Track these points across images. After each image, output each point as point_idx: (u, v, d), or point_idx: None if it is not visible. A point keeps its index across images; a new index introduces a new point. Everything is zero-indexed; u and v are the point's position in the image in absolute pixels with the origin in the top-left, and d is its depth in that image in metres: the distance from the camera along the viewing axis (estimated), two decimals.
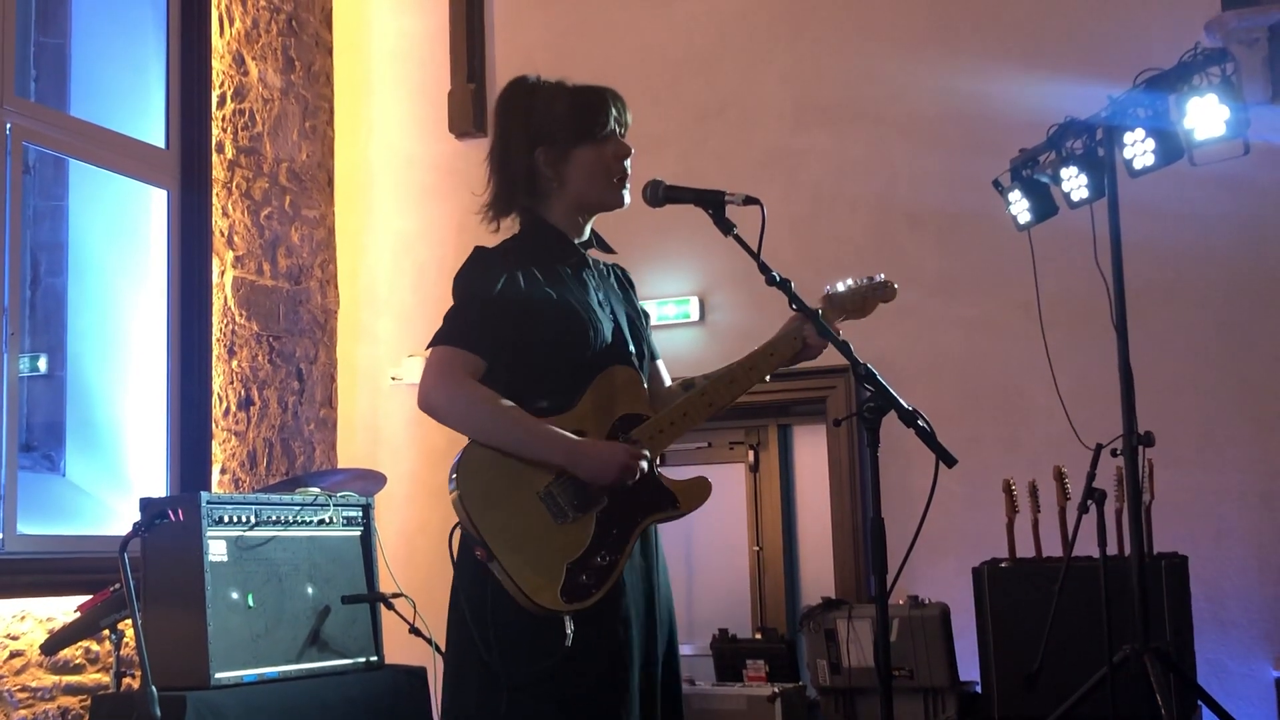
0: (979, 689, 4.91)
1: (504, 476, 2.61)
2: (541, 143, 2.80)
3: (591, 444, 2.63)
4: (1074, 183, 4.62)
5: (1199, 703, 4.36)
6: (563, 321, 2.71)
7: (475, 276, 2.74)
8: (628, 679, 2.63)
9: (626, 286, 2.98)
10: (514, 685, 2.54)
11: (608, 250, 2.94)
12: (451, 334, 2.70)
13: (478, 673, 2.60)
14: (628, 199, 2.84)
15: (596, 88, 2.87)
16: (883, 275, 2.96)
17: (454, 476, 2.59)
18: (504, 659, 2.55)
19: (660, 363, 2.98)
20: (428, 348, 2.73)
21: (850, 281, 2.94)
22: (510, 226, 2.90)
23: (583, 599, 2.55)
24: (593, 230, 2.91)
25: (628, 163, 2.83)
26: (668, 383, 2.96)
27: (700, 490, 2.75)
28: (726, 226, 2.72)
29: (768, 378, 2.85)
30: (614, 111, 2.83)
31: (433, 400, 2.67)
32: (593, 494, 2.62)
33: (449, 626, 2.70)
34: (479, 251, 2.79)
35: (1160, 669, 3.99)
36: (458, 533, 2.64)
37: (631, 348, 2.82)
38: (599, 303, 2.80)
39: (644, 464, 2.65)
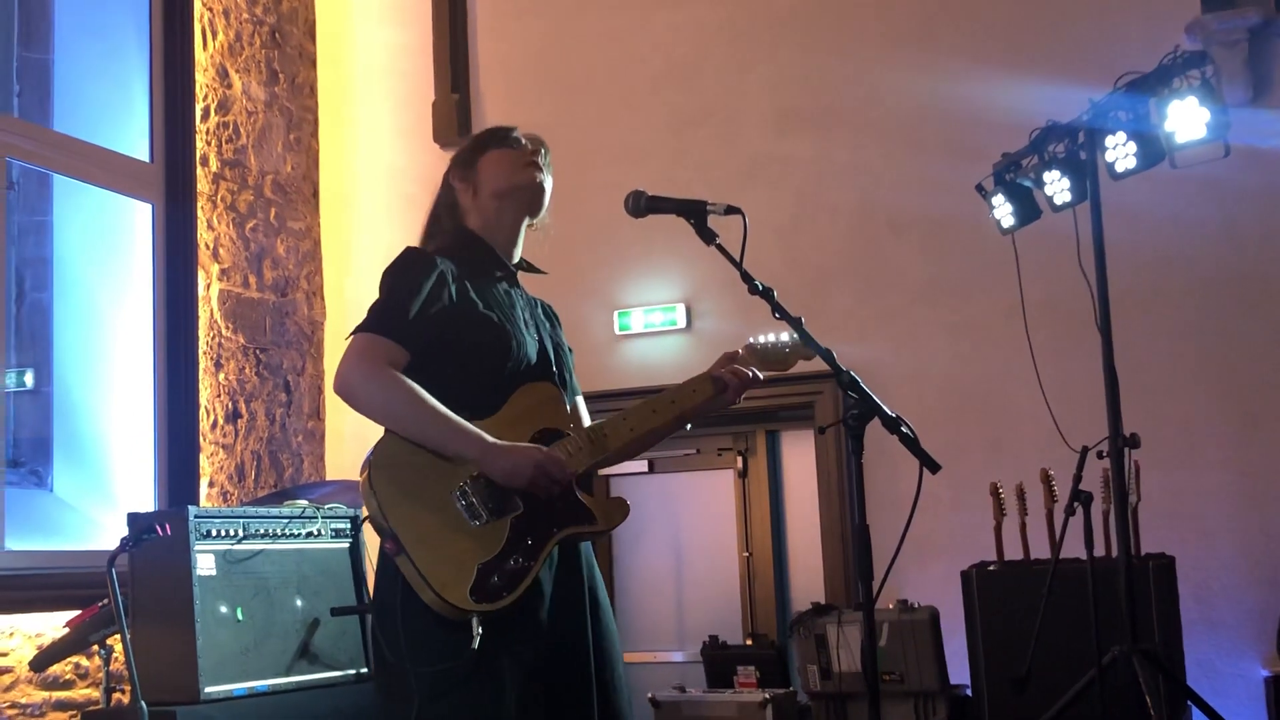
0: (969, 692, 4.92)
1: (419, 470, 2.58)
2: (454, 166, 2.92)
3: (507, 445, 2.62)
4: (1056, 186, 4.64)
5: (1189, 703, 4.38)
6: (485, 329, 2.72)
7: (403, 272, 2.76)
8: (542, 688, 2.62)
9: (553, 319, 2.99)
10: (426, 690, 2.50)
11: (536, 272, 2.97)
12: (373, 323, 2.69)
13: (387, 678, 2.58)
14: (542, 181, 2.88)
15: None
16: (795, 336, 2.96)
17: (367, 464, 2.56)
18: (413, 660, 2.51)
19: (580, 399, 2.96)
20: (349, 336, 2.72)
21: (773, 337, 2.98)
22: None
23: (492, 600, 2.52)
24: (522, 257, 2.93)
25: (539, 162, 2.88)
26: (587, 422, 2.92)
27: (618, 510, 2.77)
28: (709, 236, 2.73)
29: (687, 427, 2.92)
30: (523, 135, 2.91)
31: (350, 384, 2.64)
32: (508, 499, 2.61)
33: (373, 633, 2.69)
34: (410, 250, 2.82)
35: (1149, 670, 4.00)
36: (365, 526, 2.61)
37: (555, 370, 2.83)
38: (524, 321, 2.81)
39: (558, 471, 2.64)
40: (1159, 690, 4.03)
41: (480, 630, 2.50)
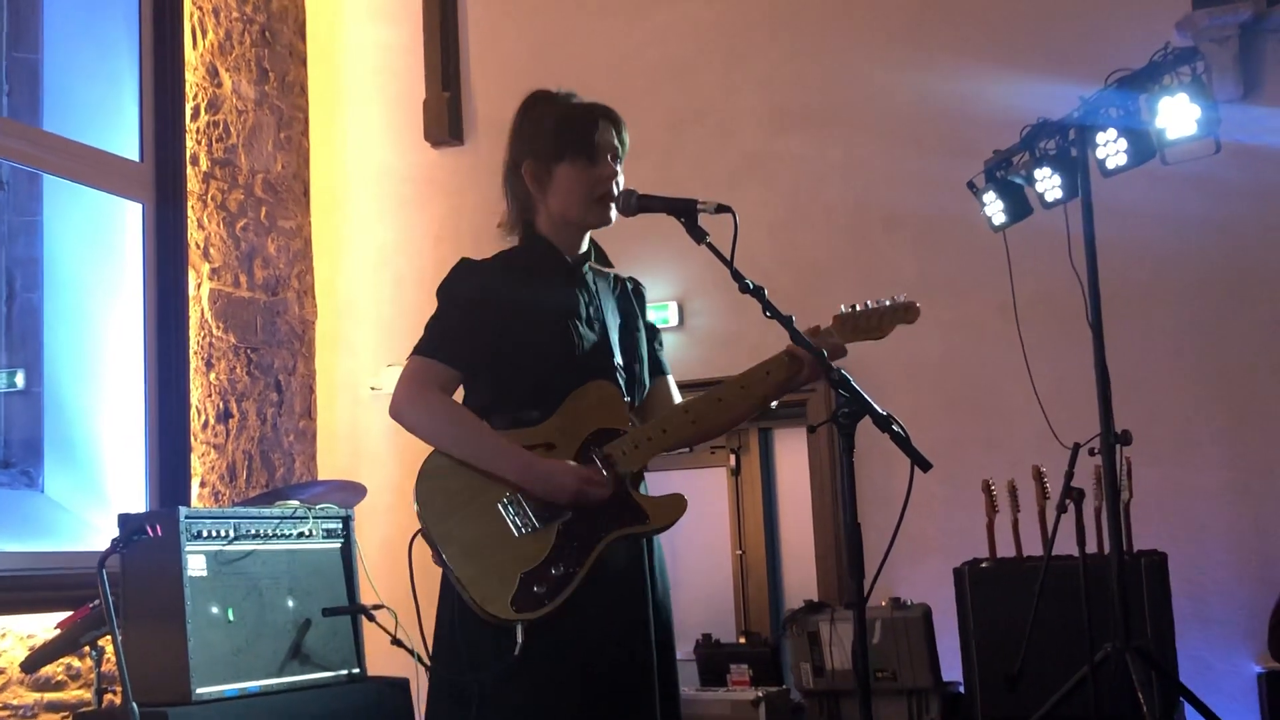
0: (962, 689, 4.93)
1: (466, 484, 2.62)
2: (528, 156, 2.82)
3: (546, 463, 2.64)
4: (1048, 183, 4.64)
5: (1181, 700, 4.38)
6: (539, 333, 2.72)
7: (456, 287, 2.77)
8: (592, 688, 2.61)
9: (631, 300, 2.96)
10: (480, 695, 2.54)
11: (606, 264, 2.94)
12: (426, 345, 2.73)
13: (446, 685, 2.61)
14: (614, 215, 2.83)
15: (593, 107, 2.87)
16: (904, 295, 2.89)
17: (417, 483, 2.62)
18: (467, 667, 2.55)
19: (670, 378, 2.96)
20: (408, 357, 2.75)
21: (869, 302, 2.86)
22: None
23: (534, 609, 2.54)
24: (592, 242, 2.91)
25: (615, 183, 2.81)
26: (677, 399, 2.92)
27: (674, 507, 2.73)
28: (699, 235, 2.72)
29: (773, 405, 2.83)
30: (604, 132, 2.82)
31: (399, 410, 2.71)
32: (554, 506, 2.62)
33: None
34: (464, 262, 2.81)
35: (1142, 667, 4.00)
36: (418, 540, 2.63)
37: (619, 361, 2.81)
38: (586, 317, 2.79)
39: (598, 488, 2.64)
40: (1152, 687, 4.04)
41: (521, 638, 2.52)
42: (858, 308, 2.85)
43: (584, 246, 2.88)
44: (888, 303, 2.86)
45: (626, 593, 2.70)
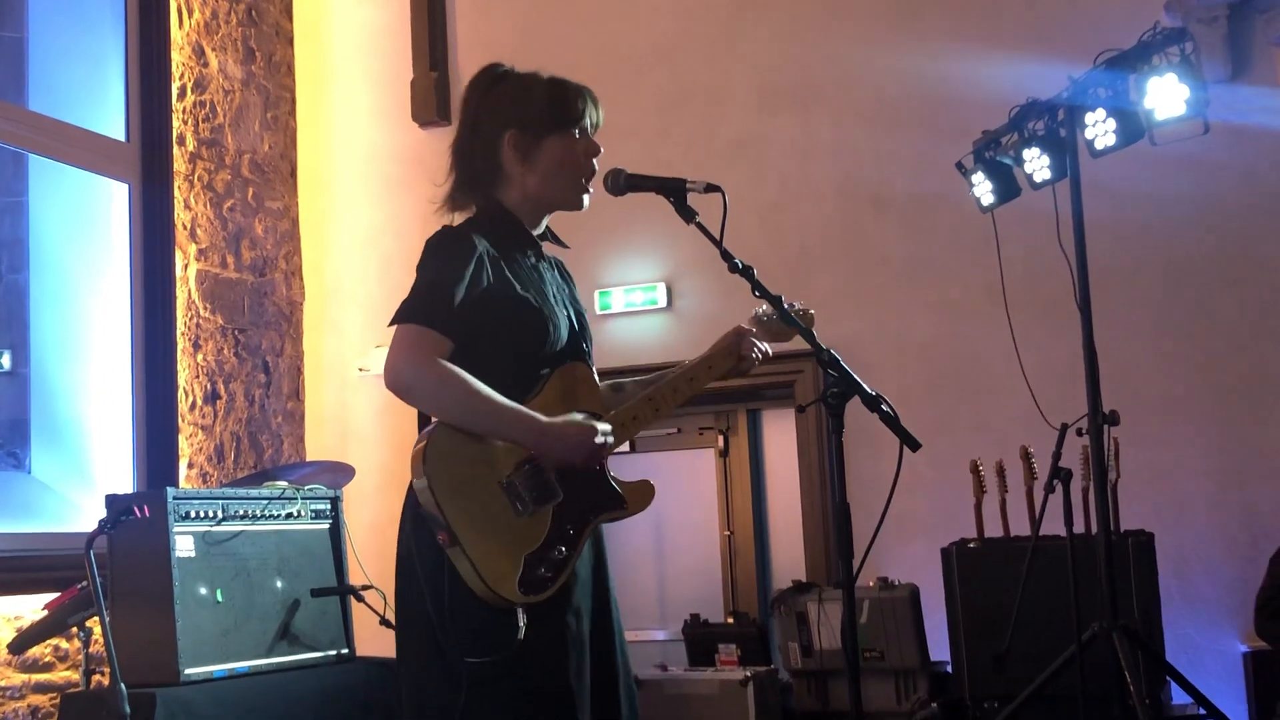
0: (949, 669, 4.94)
1: (468, 463, 2.58)
2: (514, 126, 2.76)
3: (562, 423, 2.62)
4: (1036, 164, 4.64)
5: (1167, 679, 4.41)
6: (523, 311, 2.69)
7: (445, 258, 2.69)
8: (581, 670, 2.63)
9: (570, 280, 2.97)
10: (473, 679, 2.53)
11: (560, 245, 2.92)
12: (421, 312, 2.64)
13: (438, 666, 2.59)
14: (587, 202, 2.82)
15: (574, 83, 2.84)
16: (800, 304, 2.98)
17: (420, 460, 2.55)
18: (462, 650, 2.54)
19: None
20: (391, 323, 2.69)
21: (772, 307, 2.96)
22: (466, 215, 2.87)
23: (539, 591, 2.54)
24: (547, 225, 2.89)
25: (596, 162, 2.81)
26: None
27: (645, 493, 2.78)
28: (688, 214, 2.71)
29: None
30: (589, 109, 2.81)
31: (404, 378, 2.62)
32: (550, 488, 2.61)
33: (402, 619, 2.68)
34: (447, 230, 2.75)
35: (1128, 646, 4.02)
36: (409, 521, 2.61)
37: (584, 345, 2.82)
38: (553, 296, 2.78)
39: (609, 442, 2.67)
40: (1138, 666, 4.06)
41: (525, 621, 2.52)
42: (771, 315, 2.95)
43: (542, 226, 2.87)
44: (786, 307, 2.89)
45: (596, 576, 2.74)
